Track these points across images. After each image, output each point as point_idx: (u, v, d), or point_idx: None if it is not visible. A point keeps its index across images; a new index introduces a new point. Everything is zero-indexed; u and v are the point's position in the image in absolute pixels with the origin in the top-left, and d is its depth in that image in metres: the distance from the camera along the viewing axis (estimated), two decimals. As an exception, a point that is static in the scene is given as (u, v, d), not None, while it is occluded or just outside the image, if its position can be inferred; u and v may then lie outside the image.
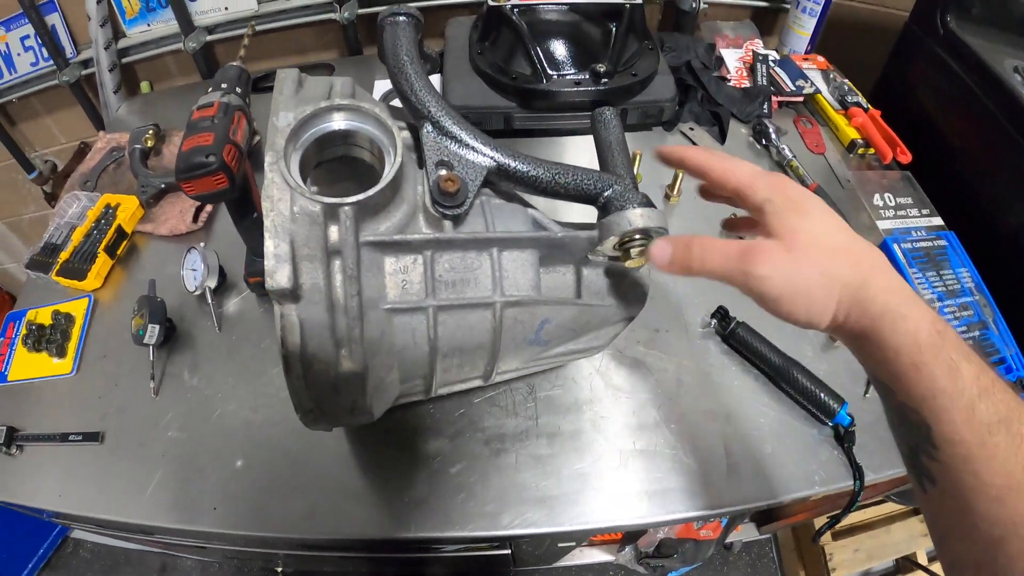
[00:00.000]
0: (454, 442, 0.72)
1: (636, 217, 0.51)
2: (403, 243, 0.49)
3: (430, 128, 0.53)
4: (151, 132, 1.01)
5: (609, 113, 0.63)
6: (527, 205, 0.59)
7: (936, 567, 1.48)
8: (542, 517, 0.68)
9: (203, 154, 0.66)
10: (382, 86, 1.09)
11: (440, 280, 0.51)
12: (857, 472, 0.74)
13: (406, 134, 0.56)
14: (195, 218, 0.94)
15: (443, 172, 0.51)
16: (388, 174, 0.47)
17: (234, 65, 0.79)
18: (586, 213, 0.59)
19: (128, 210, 0.93)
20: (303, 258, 0.45)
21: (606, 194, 0.55)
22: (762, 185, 0.47)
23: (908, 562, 1.46)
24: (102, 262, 0.88)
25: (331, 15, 1.08)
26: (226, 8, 1.12)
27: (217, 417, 0.74)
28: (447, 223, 0.51)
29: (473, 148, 0.53)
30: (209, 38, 1.14)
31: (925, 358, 0.38)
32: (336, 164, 0.55)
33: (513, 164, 0.53)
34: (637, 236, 0.52)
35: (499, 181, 0.55)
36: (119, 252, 0.91)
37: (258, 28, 1.09)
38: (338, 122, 0.51)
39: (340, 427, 0.72)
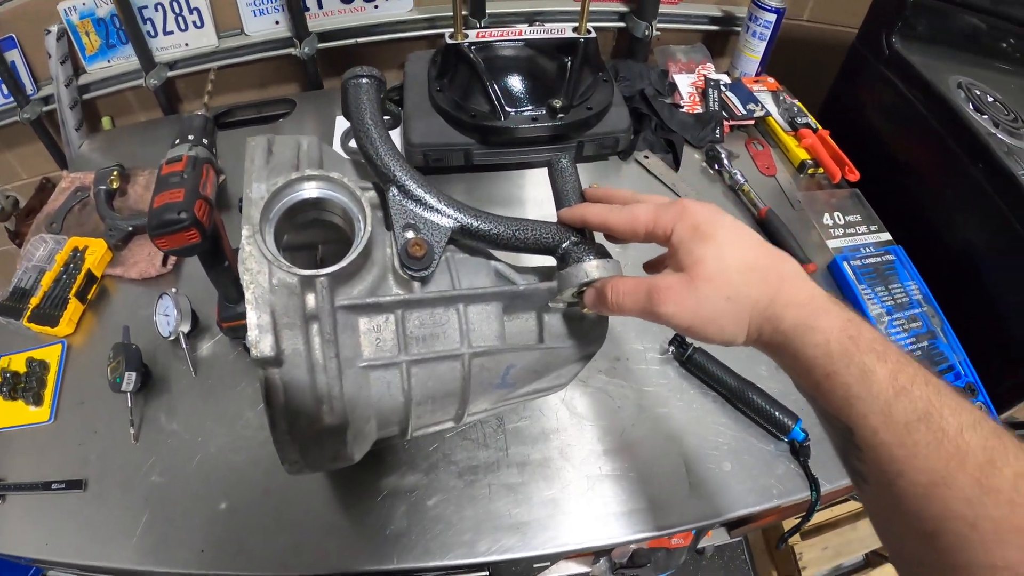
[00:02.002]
0: (429, 476, 0.75)
1: (592, 268, 0.55)
2: (375, 305, 0.52)
3: (396, 192, 0.56)
4: (115, 173, 1.02)
5: (565, 162, 0.66)
6: (490, 257, 0.62)
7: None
8: (516, 543, 0.71)
9: (175, 211, 0.68)
10: (343, 123, 1.10)
11: (411, 336, 0.54)
12: (813, 484, 0.79)
13: (372, 194, 0.59)
14: (164, 261, 0.95)
15: (410, 236, 0.54)
16: (359, 244, 0.49)
17: (198, 115, 0.80)
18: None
19: (96, 253, 0.94)
20: (283, 326, 0.47)
21: (564, 246, 0.58)
22: (665, 220, 0.48)
23: (876, 556, 1.53)
24: (73, 307, 0.89)
25: (291, 50, 1.10)
26: (186, 44, 1.13)
27: (198, 460, 0.76)
28: (415, 284, 0.54)
29: (437, 210, 0.56)
30: (170, 74, 1.15)
31: (837, 367, 0.40)
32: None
33: (476, 224, 0.56)
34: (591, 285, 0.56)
35: (463, 239, 0.58)
36: (90, 296, 0.92)
37: (219, 64, 1.10)
38: (309, 191, 0.53)
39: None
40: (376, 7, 1.07)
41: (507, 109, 0.97)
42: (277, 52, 1.11)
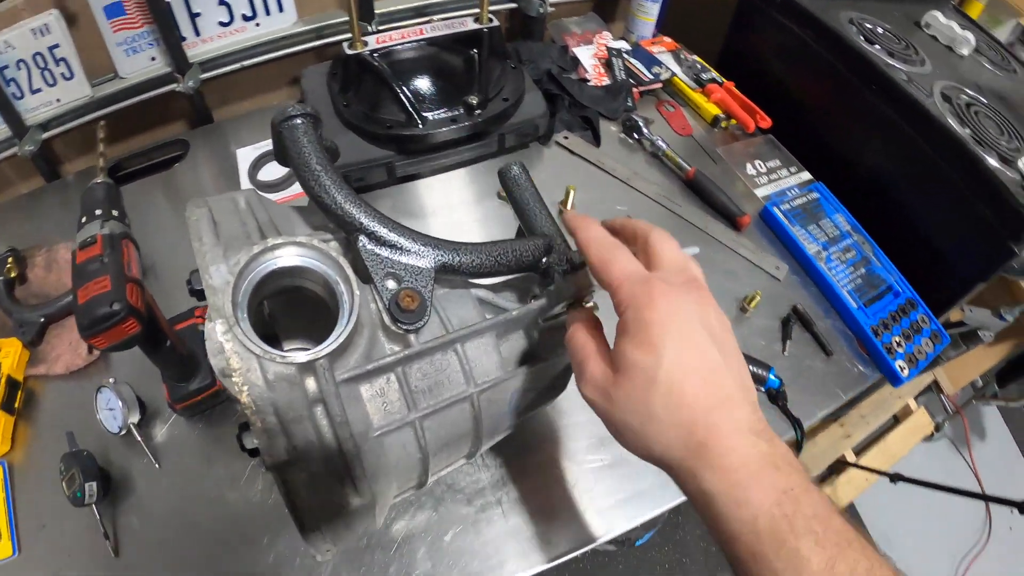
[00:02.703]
0: (439, 511, 0.73)
1: (582, 279, 0.55)
2: (375, 370, 0.49)
3: (366, 241, 0.52)
4: (10, 260, 0.91)
5: (517, 169, 0.65)
6: (468, 285, 0.60)
7: (864, 460, 1.68)
8: (545, 552, 0.71)
9: (106, 303, 0.61)
10: (244, 155, 1.03)
11: (416, 390, 0.51)
12: (796, 424, 0.84)
13: (335, 244, 0.55)
14: (90, 348, 0.86)
15: (392, 286, 0.51)
16: (351, 314, 0.46)
17: (99, 183, 0.72)
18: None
19: (12, 355, 0.84)
20: (290, 422, 0.43)
21: (545, 260, 0.58)
22: (627, 294, 0.42)
23: (838, 463, 1.64)
24: (4, 422, 0.79)
25: (173, 86, 1.00)
26: (58, 100, 1.00)
27: (191, 557, 0.70)
28: (411, 337, 0.51)
29: (415, 253, 0.53)
30: (45, 135, 1.02)
31: (764, 550, 0.34)
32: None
33: (457, 259, 0.54)
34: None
35: (444, 276, 0.55)
36: (17, 405, 0.82)
37: (98, 115, 1.00)
38: (282, 260, 0.48)
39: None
40: (257, 24, 0.99)
41: (423, 114, 0.93)
42: (159, 91, 1.00)
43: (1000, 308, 1.11)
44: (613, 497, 0.76)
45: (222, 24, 0.96)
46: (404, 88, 0.92)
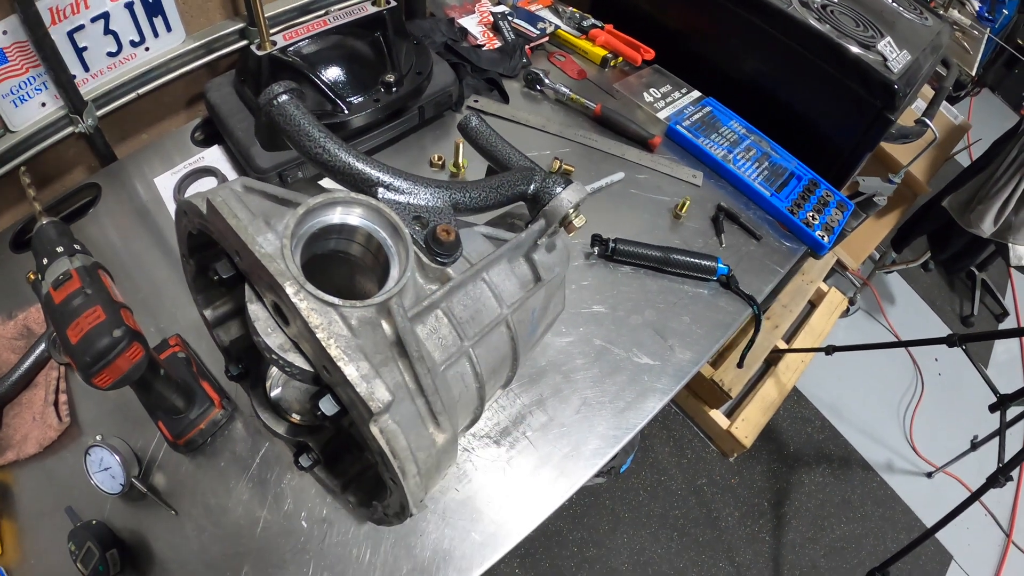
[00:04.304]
0: (472, 459, 0.77)
1: (571, 195, 0.61)
2: (429, 306, 0.51)
3: (385, 192, 0.55)
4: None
5: (475, 120, 0.69)
6: (468, 224, 0.63)
7: (795, 342, 1.84)
8: (579, 471, 0.77)
9: (106, 333, 0.58)
10: (163, 182, 0.99)
11: (462, 321, 0.54)
12: (750, 300, 0.94)
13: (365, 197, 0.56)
14: (58, 415, 0.80)
15: (421, 227, 0.54)
16: (407, 250, 0.48)
17: (46, 223, 0.66)
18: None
19: (-33, 451, 0.76)
20: (378, 364, 0.45)
21: (532, 188, 0.62)
22: None
23: (773, 353, 1.80)
24: (-18, 527, 0.72)
25: (70, 129, 0.94)
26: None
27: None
28: (448, 270, 0.54)
29: (430, 195, 0.56)
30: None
31: None
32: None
33: (467, 195, 0.58)
34: (572, 211, 0.61)
35: (456, 213, 0.58)
36: (-7, 504, 0.75)
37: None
38: (328, 217, 0.49)
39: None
40: (147, 49, 0.94)
41: (347, 100, 0.94)
42: (54, 138, 0.93)
43: (888, 174, 1.29)
44: (627, 397, 0.83)
45: (110, 54, 0.91)
46: (322, 78, 0.93)
